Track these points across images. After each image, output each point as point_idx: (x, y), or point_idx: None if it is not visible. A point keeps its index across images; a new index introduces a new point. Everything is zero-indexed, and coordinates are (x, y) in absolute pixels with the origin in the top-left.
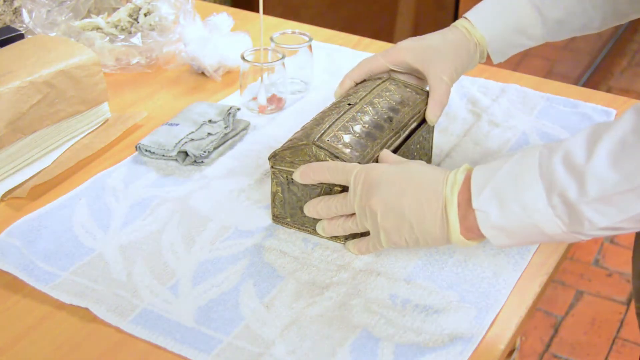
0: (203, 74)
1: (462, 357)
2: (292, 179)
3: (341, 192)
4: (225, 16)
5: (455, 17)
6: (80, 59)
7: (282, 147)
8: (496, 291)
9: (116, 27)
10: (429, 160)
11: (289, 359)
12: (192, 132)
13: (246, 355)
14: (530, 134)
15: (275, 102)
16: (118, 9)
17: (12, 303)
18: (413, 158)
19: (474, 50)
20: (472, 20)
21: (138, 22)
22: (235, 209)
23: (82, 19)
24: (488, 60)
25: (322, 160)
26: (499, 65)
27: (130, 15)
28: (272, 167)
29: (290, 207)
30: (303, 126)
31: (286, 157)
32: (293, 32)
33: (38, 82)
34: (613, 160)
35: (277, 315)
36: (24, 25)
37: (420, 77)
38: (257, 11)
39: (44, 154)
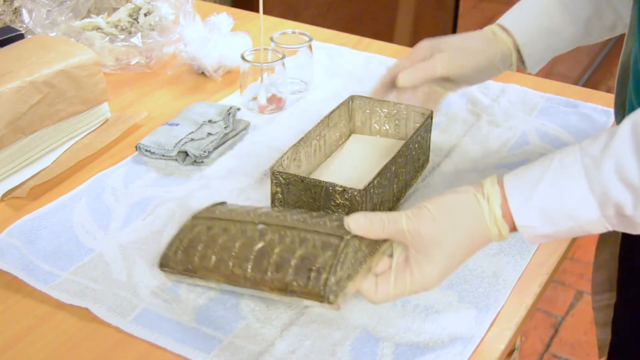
0: (203, 74)
1: (462, 357)
2: (290, 179)
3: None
4: (225, 16)
5: (456, 17)
6: (80, 59)
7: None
8: (496, 291)
9: (116, 27)
10: (426, 160)
11: (289, 359)
12: (192, 132)
13: (246, 354)
14: (530, 134)
15: (275, 102)
16: (118, 9)
17: (12, 303)
18: (412, 158)
19: (500, 56)
20: (508, 25)
21: (138, 22)
22: None
23: (82, 19)
24: None
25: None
26: None
27: (130, 15)
28: (270, 169)
29: (288, 208)
30: None
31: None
32: (293, 32)
33: (38, 82)
34: None
35: (277, 315)
36: (24, 25)
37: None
38: (257, 11)
39: (44, 154)
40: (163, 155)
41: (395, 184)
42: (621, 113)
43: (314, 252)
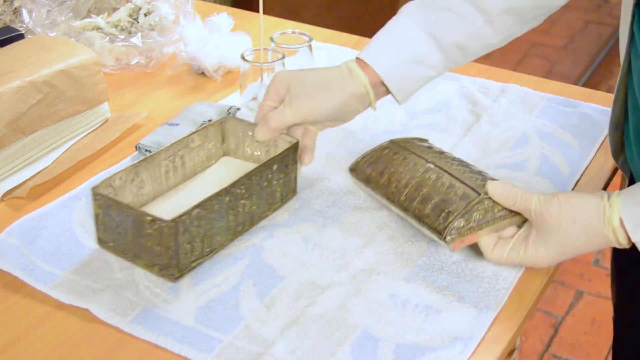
0: (203, 74)
1: (462, 357)
2: (111, 203)
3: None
4: (225, 16)
5: None
6: (80, 59)
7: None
8: (496, 291)
9: (116, 27)
10: (290, 193)
11: (289, 359)
12: None
13: (246, 355)
14: (530, 134)
15: None
16: (118, 9)
17: (12, 303)
18: (263, 190)
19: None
20: (368, 60)
21: (138, 22)
22: None
23: (82, 19)
24: (488, 60)
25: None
26: (499, 65)
27: (130, 15)
28: (92, 189)
29: (111, 232)
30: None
31: (464, 224)
32: (293, 32)
33: (38, 82)
34: None
35: (277, 315)
36: (24, 25)
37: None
38: (257, 11)
39: (44, 154)
40: None
41: (233, 216)
42: (618, 132)
43: (454, 198)
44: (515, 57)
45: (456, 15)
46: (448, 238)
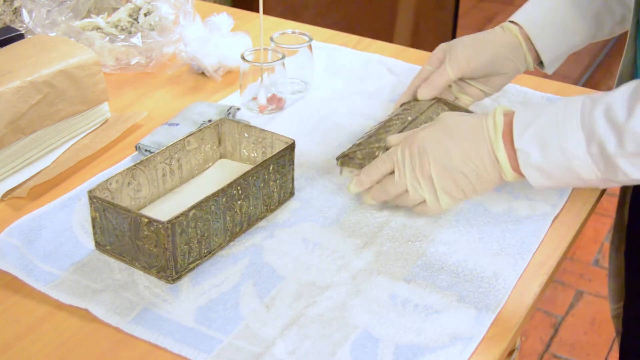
0: (203, 74)
1: (462, 357)
2: (107, 206)
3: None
4: (225, 16)
5: (456, 17)
6: (80, 58)
7: (351, 148)
8: (496, 291)
9: (116, 27)
10: (288, 194)
11: (289, 359)
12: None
13: (246, 355)
14: None
15: (275, 102)
16: (118, 9)
17: (12, 303)
18: (259, 190)
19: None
20: (516, 20)
21: (138, 22)
22: None
23: (82, 19)
24: None
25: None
26: None
27: (130, 15)
28: (88, 192)
29: (108, 235)
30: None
31: (357, 157)
32: (293, 32)
33: (38, 82)
34: None
35: (277, 315)
36: (24, 25)
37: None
38: (257, 11)
39: (44, 154)
40: None
41: (230, 217)
42: None
43: (373, 140)
44: None
45: None
46: (338, 162)
